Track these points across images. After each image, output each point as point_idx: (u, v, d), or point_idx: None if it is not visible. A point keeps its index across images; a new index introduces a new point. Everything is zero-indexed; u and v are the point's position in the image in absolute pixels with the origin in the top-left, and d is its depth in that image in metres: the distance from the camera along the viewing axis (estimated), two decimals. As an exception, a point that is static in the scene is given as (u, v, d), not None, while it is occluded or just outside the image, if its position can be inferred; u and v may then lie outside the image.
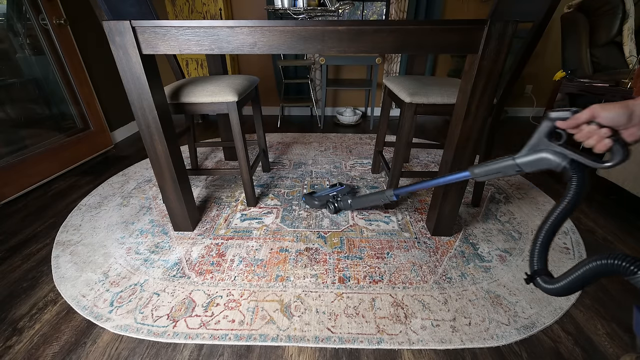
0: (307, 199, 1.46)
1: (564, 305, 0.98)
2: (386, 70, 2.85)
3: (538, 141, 0.61)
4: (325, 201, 1.44)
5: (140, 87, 1.01)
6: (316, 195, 1.46)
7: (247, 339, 0.88)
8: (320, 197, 1.45)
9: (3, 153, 1.59)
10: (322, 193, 1.47)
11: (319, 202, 1.43)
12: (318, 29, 0.89)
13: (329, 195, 1.46)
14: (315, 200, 1.44)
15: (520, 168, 0.66)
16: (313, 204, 1.45)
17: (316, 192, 1.48)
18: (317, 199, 1.44)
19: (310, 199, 1.45)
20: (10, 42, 1.66)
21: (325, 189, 1.51)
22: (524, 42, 1.09)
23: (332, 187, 1.53)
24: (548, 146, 0.60)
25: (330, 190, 1.50)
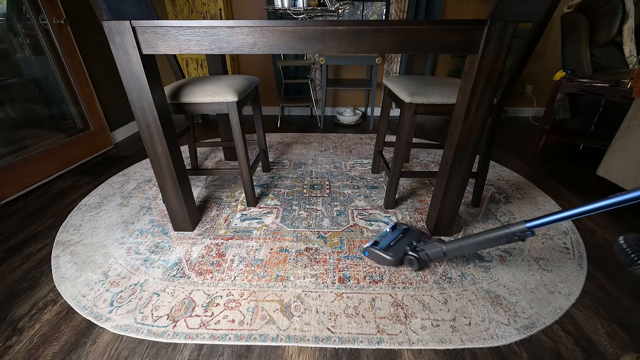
0: (373, 254, 1.14)
1: (563, 305, 0.98)
2: (386, 70, 2.85)
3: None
4: (402, 254, 1.11)
5: (140, 87, 1.01)
6: (382, 247, 1.13)
7: (247, 339, 0.88)
8: (394, 250, 1.12)
9: (3, 153, 1.59)
10: (388, 241, 1.17)
11: (393, 257, 1.09)
12: (318, 29, 0.89)
13: (402, 245, 1.14)
14: (388, 255, 1.10)
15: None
16: (385, 259, 1.11)
17: (379, 242, 1.16)
18: (389, 253, 1.11)
19: (379, 254, 1.12)
20: (10, 42, 1.65)
21: (386, 234, 1.22)
22: (524, 42, 1.09)
23: (394, 230, 1.23)
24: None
25: (392, 234, 1.21)
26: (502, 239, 0.88)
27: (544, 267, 1.13)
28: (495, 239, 0.89)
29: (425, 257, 1.07)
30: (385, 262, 1.12)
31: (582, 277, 1.09)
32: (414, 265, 1.09)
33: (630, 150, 1.41)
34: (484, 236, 0.92)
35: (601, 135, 1.95)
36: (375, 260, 1.14)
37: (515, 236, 0.86)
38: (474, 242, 0.94)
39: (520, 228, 0.84)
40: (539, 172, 1.86)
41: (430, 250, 1.05)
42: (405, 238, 1.19)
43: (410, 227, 1.26)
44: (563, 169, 1.90)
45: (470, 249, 0.97)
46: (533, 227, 0.83)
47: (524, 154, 2.14)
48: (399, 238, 1.18)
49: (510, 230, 0.86)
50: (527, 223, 0.83)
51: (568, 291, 1.04)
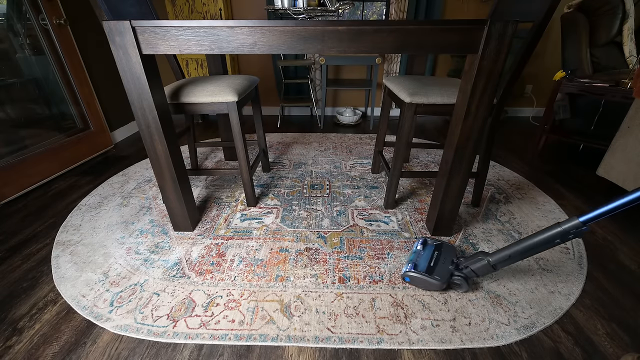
0: (416, 279, 1.01)
1: (563, 305, 0.98)
2: (386, 70, 2.85)
3: None
4: (449, 276, 1.00)
5: (140, 87, 1.01)
6: (423, 269, 1.01)
7: (247, 339, 0.88)
8: (440, 273, 1.00)
9: (3, 153, 1.59)
10: (426, 261, 1.05)
11: (441, 282, 0.98)
12: (318, 29, 0.89)
13: (445, 265, 1.03)
14: (435, 280, 0.99)
15: None
16: (433, 285, 0.99)
17: (417, 264, 1.04)
18: (437, 277, 0.99)
19: (424, 279, 1.00)
20: (10, 42, 1.65)
21: (418, 252, 1.10)
22: (524, 42, 1.09)
23: (425, 247, 1.12)
24: None
25: (426, 252, 1.09)
26: (556, 239, 0.81)
27: (544, 267, 1.13)
28: (547, 240, 0.82)
29: (471, 274, 0.97)
30: (432, 287, 1.00)
31: (582, 277, 1.09)
32: (463, 287, 0.99)
33: (630, 150, 1.41)
34: (535, 239, 0.83)
35: (601, 135, 1.95)
36: (420, 285, 1.02)
37: (570, 234, 0.79)
38: (525, 247, 0.85)
39: (574, 224, 0.77)
40: (539, 172, 1.86)
41: (476, 265, 0.95)
42: (443, 255, 1.07)
43: (442, 242, 1.15)
44: (563, 169, 1.90)
45: (521, 256, 0.87)
46: (587, 221, 0.76)
47: (524, 154, 2.14)
48: (435, 256, 1.07)
49: (563, 228, 0.79)
50: (580, 217, 0.77)
51: (568, 291, 1.04)
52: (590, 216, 0.76)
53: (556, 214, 1.44)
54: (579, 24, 2.05)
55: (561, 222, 0.80)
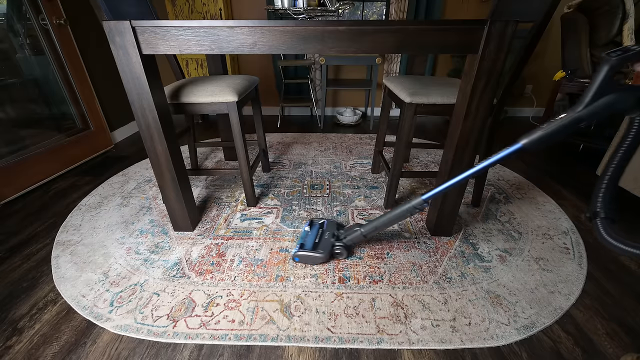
0: (304, 257, 1.13)
1: (563, 305, 0.98)
2: (386, 70, 2.85)
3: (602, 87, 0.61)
4: (330, 247, 1.14)
5: (140, 87, 1.01)
6: (309, 247, 1.14)
7: (247, 339, 0.88)
8: (322, 246, 1.14)
9: (3, 153, 1.59)
10: (312, 239, 1.18)
11: (324, 254, 1.11)
12: (318, 29, 0.89)
13: (327, 239, 1.17)
14: (319, 253, 1.11)
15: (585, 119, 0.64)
16: (317, 258, 1.12)
17: (304, 244, 1.17)
18: (320, 251, 1.12)
19: (311, 255, 1.12)
20: (10, 42, 1.66)
21: (307, 234, 1.22)
22: (524, 42, 1.09)
23: (312, 227, 1.25)
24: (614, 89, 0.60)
25: (312, 232, 1.22)
26: (407, 213, 1.00)
27: (544, 267, 1.13)
28: (401, 214, 1.01)
29: (350, 242, 1.14)
30: (317, 260, 1.13)
31: (582, 277, 1.09)
32: (343, 254, 1.15)
33: (630, 150, 1.41)
34: (392, 213, 1.02)
35: (601, 135, 1.95)
36: (308, 262, 1.14)
37: (416, 209, 0.98)
38: (386, 219, 1.04)
39: (419, 201, 0.96)
40: (539, 172, 1.86)
41: (352, 235, 1.12)
42: (326, 231, 1.22)
43: (325, 219, 1.30)
44: (563, 169, 1.91)
45: (384, 227, 1.06)
46: (427, 198, 0.95)
47: (524, 154, 2.14)
48: (320, 233, 1.21)
49: (411, 204, 0.97)
50: (423, 196, 0.95)
51: (568, 291, 1.04)
52: (429, 195, 0.94)
53: (556, 214, 1.44)
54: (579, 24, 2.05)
55: (410, 200, 0.99)
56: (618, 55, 0.57)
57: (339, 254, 1.15)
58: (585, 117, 0.64)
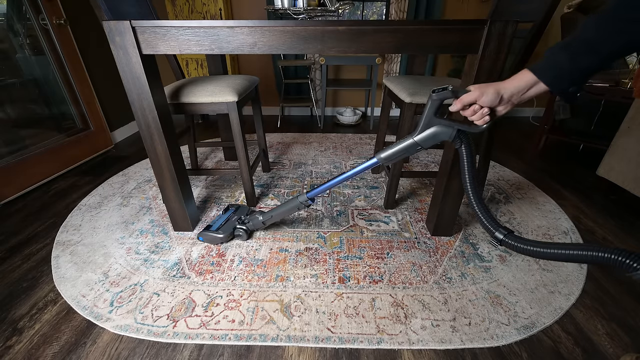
0: (207, 236, 1.22)
1: (563, 305, 0.98)
2: (386, 70, 2.85)
3: (429, 119, 0.74)
4: (231, 229, 1.23)
5: (140, 87, 1.01)
6: (214, 229, 1.22)
7: (247, 339, 0.88)
8: (224, 228, 1.23)
9: (3, 153, 1.59)
10: (220, 222, 1.26)
11: (224, 234, 1.20)
12: (318, 29, 0.89)
13: (231, 222, 1.26)
14: (219, 234, 1.20)
15: (420, 145, 0.77)
16: (217, 238, 1.21)
17: (211, 225, 1.25)
18: (220, 232, 1.21)
19: (212, 235, 1.21)
20: (10, 42, 1.66)
21: (219, 218, 1.30)
22: (524, 42, 1.09)
23: (226, 212, 1.34)
24: (438, 122, 0.74)
25: (224, 216, 1.30)
26: (295, 208, 1.11)
27: (544, 267, 1.13)
28: (290, 208, 1.11)
29: (251, 227, 1.23)
30: (217, 240, 1.22)
31: (582, 277, 1.09)
32: (243, 237, 1.24)
33: (630, 151, 1.41)
34: (284, 207, 1.13)
35: (601, 135, 1.94)
36: (210, 241, 1.23)
37: (302, 204, 1.08)
38: (280, 212, 1.15)
39: (303, 198, 1.07)
40: (539, 172, 1.86)
41: (253, 221, 1.21)
42: (235, 215, 1.30)
43: (240, 205, 1.38)
44: (563, 169, 1.91)
45: (278, 217, 1.17)
46: (311, 196, 1.05)
47: (524, 154, 2.14)
48: (229, 217, 1.29)
49: (299, 200, 1.08)
50: (308, 194, 1.06)
51: (568, 291, 1.04)
52: (312, 193, 1.05)
53: (556, 214, 1.44)
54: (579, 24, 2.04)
55: (298, 195, 1.09)
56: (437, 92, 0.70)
57: (240, 236, 1.24)
58: (420, 142, 0.77)
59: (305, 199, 1.06)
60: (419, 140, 0.76)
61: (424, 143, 0.76)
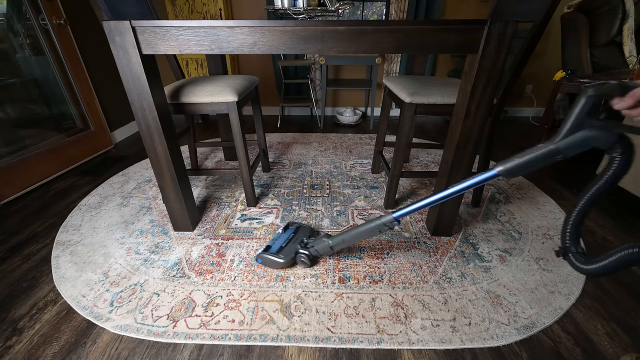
0: (265, 259, 1.11)
1: (564, 305, 0.98)
2: (386, 70, 2.85)
3: (579, 121, 0.57)
4: (293, 254, 1.10)
5: (140, 87, 1.01)
6: (274, 251, 1.11)
7: (247, 339, 0.88)
8: (285, 251, 1.11)
9: (3, 153, 1.59)
10: (280, 243, 1.15)
11: (285, 259, 1.08)
12: (318, 29, 0.89)
13: (293, 245, 1.14)
14: (279, 258, 1.09)
15: (563, 152, 0.60)
16: (277, 263, 1.09)
17: (270, 246, 1.14)
18: (281, 256, 1.09)
19: (271, 259, 1.10)
20: (10, 42, 1.65)
21: (278, 236, 1.20)
22: (524, 42, 1.09)
23: (286, 231, 1.22)
24: (592, 124, 0.57)
25: (284, 236, 1.19)
26: (376, 230, 0.96)
27: (544, 267, 1.13)
28: (370, 230, 0.97)
29: (315, 252, 1.10)
30: (277, 265, 1.10)
31: (582, 277, 1.09)
32: (306, 263, 1.10)
33: (630, 150, 1.41)
34: (361, 228, 0.99)
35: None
36: (268, 265, 1.12)
37: (385, 226, 0.94)
38: (355, 234, 1.00)
39: (389, 219, 0.93)
40: (539, 172, 1.86)
41: (319, 245, 1.08)
42: (296, 236, 1.19)
43: (301, 225, 1.26)
44: (563, 169, 1.91)
45: (352, 241, 1.03)
46: (399, 216, 0.92)
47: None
48: (290, 238, 1.18)
49: (381, 221, 0.94)
50: (394, 214, 0.92)
51: (568, 291, 1.04)
52: (401, 213, 0.91)
53: (556, 214, 1.44)
54: (579, 24, 2.05)
55: (381, 216, 0.95)
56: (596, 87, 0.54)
57: (302, 262, 1.11)
58: (562, 149, 0.61)
59: (392, 219, 0.92)
60: (563, 147, 0.60)
61: (568, 150, 0.60)
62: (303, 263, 1.11)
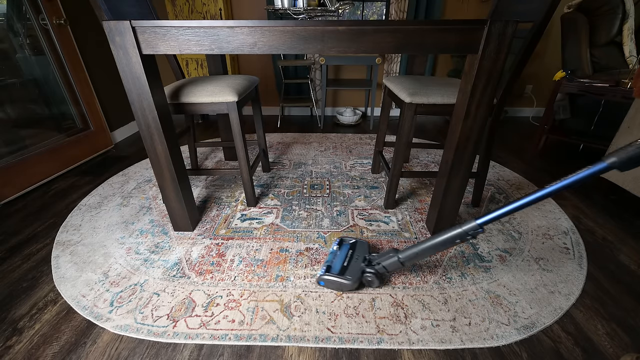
0: (330, 282, 1.01)
1: (563, 305, 0.98)
2: (386, 70, 2.85)
3: None
4: (360, 274, 1.00)
5: (140, 87, 1.01)
6: (336, 271, 1.01)
7: (247, 339, 0.88)
8: (351, 272, 1.01)
9: (3, 153, 1.59)
10: (340, 262, 1.05)
11: (352, 281, 0.98)
12: (318, 29, 0.89)
13: (357, 263, 1.04)
14: (347, 280, 0.98)
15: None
16: (345, 285, 0.99)
17: (332, 267, 1.04)
18: (348, 277, 0.99)
19: (337, 282, 0.99)
20: (10, 42, 1.65)
21: (335, 253, 1.10)
22: (524, 42, 1.09)
23: (341, 247, 1.12)
24: None
25: (341, 253, 1.09)
26: (456, 239, 0.86)
27: (544, 267, 1.13)
28: (449, 239, 0.86)
29: (382, 270, 0.98)
30: (344, 287, 1.00)
31: (582, 277, 1.09)
32: (374, 283, 0.99)
33: (630, 150, 1.41)
34: (439, 238, 0.88)
35: (601, 135, 1.95)
36: (334, 287, 1.02)
37: (467, 235, 0.84)
38: (430, 245, 0.89)
39: (472, 226, 0.82)
40: (539, 172, 1.86)
41: (387, 261, 0.97)
42: (356, 253, 1.09)
43: (357, 240, 1.16)
44: (563, 169, 1.91)
45: (427, 253, 0.91)
46: (484, 223, 0.81)
47: (524, 154, 2.14)
48: (349, 255, 1.08)
49: (463, 229, 0.84)
50: (478, 220, 0.82)
51: (568, 291, 1.04)
52: (486, 219, 0.81)
53: (556, 214, 1.44)
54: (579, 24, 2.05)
55: (462, 224, 0.84)
56: None
57: (370, 282, 0.99)
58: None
59: (475, 226, 0.82)
60: None
61: None
62: (371, 283, 0.99)
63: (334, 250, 1.12)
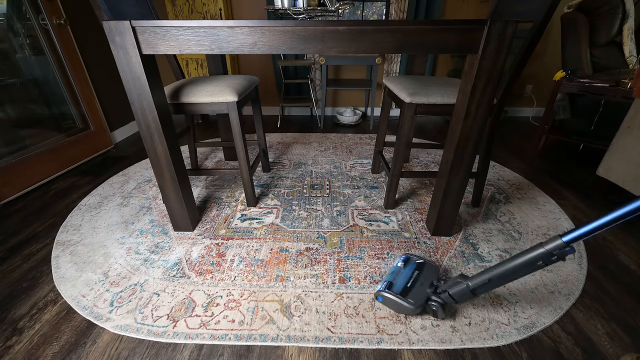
0: (389, 300, 0.94)
1: (564, 305, 0.98)
2: (386, 70, 2.85)
3: None
4: (424, 299, 0.92)
5: (140, 87, 1.01)
6: (398, 290, 0.94)
7: (247, 339, 0.88)
8: (414, 295, 0.93)
9: (3, 153, 1.59)
10: (403, 281, 0.98)
11: (415, 305, 0.90)
12: (318, 29, 0.89)
13: (421, 287, 0.95)
14: (408, 303, 0.91)
15: None
16: (405, 308, 0.91)
17: (393, 283, 0.97)
18: (410, 301, 0.91)
19: (398, 303, 0.92)
20: (10, 42, 1.65)
21: (398, 270, 1.03)
22: (524, 42, 1.09)
23: (406, 265, 1.04)
24: None
25: (406, 272, 1.02)
26: (538, 261, 0.71)
27: (544, 267, 1.13)
28: (529, 262, 0.72)
29: (449, 299, 0.89)
30: (405, 310, 0.92)
31: (582, 277, 1.09)
32: (439, 313, 0.90)
33: (630, 150, 1.41)
34: (516, 261, 0.75)
35: (601, 135, 1.95)
36: (392, 307, 0.95)
37: (552, 256, 0.69)
38: (505, 270, 0.77)
39: (557, 245, 0.67)
40: (539, 172, 1.86)
41: (455, 289, 0.87)
42: (422, 276, 1.00)
43: (425, 261, 1.06)
44: (563, 169, 1.91)
45: (502, 281, 0.79)
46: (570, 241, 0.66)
47: (524, 154, 2.14)
48: (414, 276, 1.00)
49: (545, 249, 0.69)
50: (564, 237, 0.66)
51: (568, 291, 1.04)
52: (574, 235, 0.66)
53: (556, 214, 1.44)
54: (579, 24, 2.05)
55: (543, 243, 0.71)
56: None
57: (434, 312, 0.91)
58: None
59: (562, 245, 0.67)
60: None
61: None
62: (436, 313, 0.91)
63: (398, 267, 1.05)
